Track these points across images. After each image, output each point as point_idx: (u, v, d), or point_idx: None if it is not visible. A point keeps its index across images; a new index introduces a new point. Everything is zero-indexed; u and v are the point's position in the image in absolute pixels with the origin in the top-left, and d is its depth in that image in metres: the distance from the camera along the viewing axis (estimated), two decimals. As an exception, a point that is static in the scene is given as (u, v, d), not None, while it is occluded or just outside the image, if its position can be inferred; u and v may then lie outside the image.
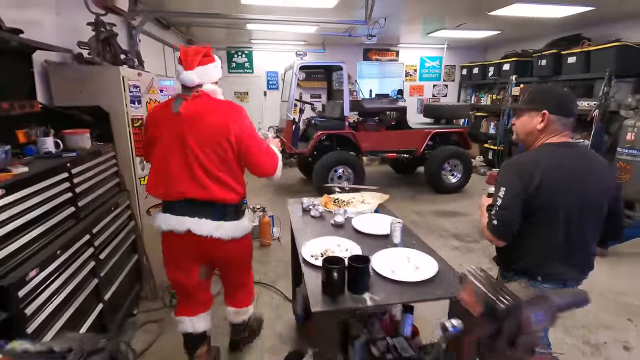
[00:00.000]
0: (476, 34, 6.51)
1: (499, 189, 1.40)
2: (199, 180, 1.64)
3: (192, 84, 1.67)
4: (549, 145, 1.44)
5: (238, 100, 8.12)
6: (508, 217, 1.37)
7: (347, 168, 5.43)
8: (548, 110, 1.41)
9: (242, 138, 1.66)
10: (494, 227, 1.39)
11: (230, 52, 7.88)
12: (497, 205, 1.39)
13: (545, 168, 1.37)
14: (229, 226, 1.73)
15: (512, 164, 1.46)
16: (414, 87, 8.77)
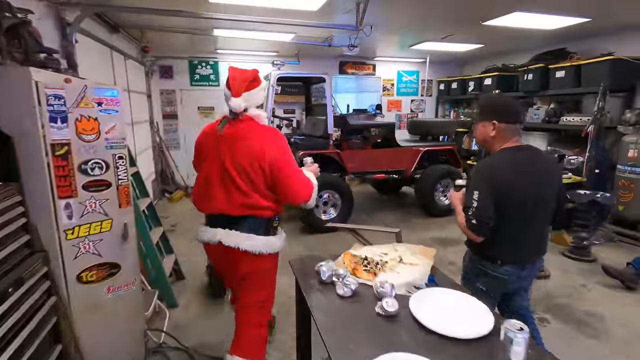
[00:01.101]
0: (459, 47, 6.22)
1: (472, 192, 1.61)
2: (233, 200, 1.71)
3: (239, 110, 1.72)
4: (503, 150, 1.67)
5: (202, 116, 7.26)
6: (484, 216, 1.59)
7: (334, 193, 4.77)
8: (497, 120, 1.64)
9: (276, 165, 1.69)
10: (473, 226, 1.61)
11: (193, 63, 7.05)
12: (473, 207, 1.60)
13: (499, 170, 1.63)
14: (259, 240, 1.74)
15: (478, 169, 1.70)
16: (391, 102, 8.39)
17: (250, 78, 1.74)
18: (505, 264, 1.69)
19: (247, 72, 1.76)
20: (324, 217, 4.79)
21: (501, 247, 1.67)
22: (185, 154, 7.28)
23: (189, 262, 3.83)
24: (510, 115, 1.66)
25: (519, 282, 1.78)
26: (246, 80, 1.73)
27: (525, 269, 1.73)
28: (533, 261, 1.77)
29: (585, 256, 3.92)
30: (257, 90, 1.78)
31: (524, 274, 1.75)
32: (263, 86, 1.82)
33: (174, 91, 7.02)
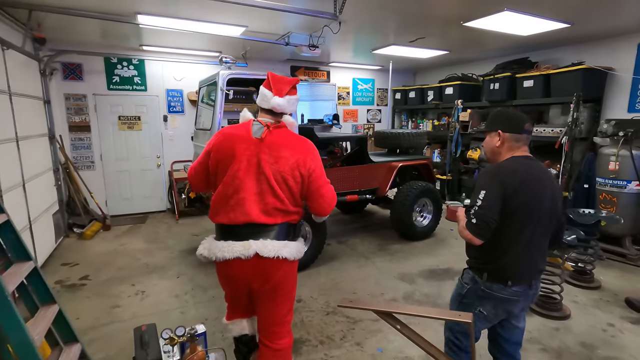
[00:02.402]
0: (424, 53, 5.79)
1: (479, 192, 1.56)
2: (268, 207, 1.66)
3: (280, 110, 1.74)
4: (516, 157, 1.64)
5: (126, 128, 5.84)
6: (487, 215, 1.51)
7: (305, 223, 3.85)
8: (502, 130, 1.66)
9: (314, 175, 1.71)
10: (474, 226, 1.52)
11: (111, 61, 5.63)
12: (477, 205, 1.53)
13: (522, 175, 1.57)
14: (293, 245, 1.72)
15: (492, 170, 1.63)
16: (347, 111, 7.76)
17: (293, 82, 1.77)
18: (515, 285, 1.61)
19: (287, 77, 1.79)
20: (293, 253, 3.84)
21: (511, 266, 1.60)
22: (103, 175, 5.78)
23: (109, 341, 2.61)
24: (515, 124, 1.65)
25: (525, 302, 1.69)
26: (289, 83, 1.76)
27: (532, 286, 1.67)
28: (538, 277, 1.71)
29: (589, 282, 3.54)
30: (295, 99, 1.80)
31: (531, 292, 1.68)
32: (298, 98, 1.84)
33: (85, 96, 5.52)
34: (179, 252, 4.45)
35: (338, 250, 4.49)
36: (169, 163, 6.13)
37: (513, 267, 1.58)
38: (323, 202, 1.74)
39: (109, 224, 5.37)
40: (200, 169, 1.80)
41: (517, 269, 1.59)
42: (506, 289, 1.59)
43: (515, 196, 1.52)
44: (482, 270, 1.64)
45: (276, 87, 1.71)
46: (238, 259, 1.63)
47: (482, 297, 1.65)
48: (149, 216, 5.99)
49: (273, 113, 1.75)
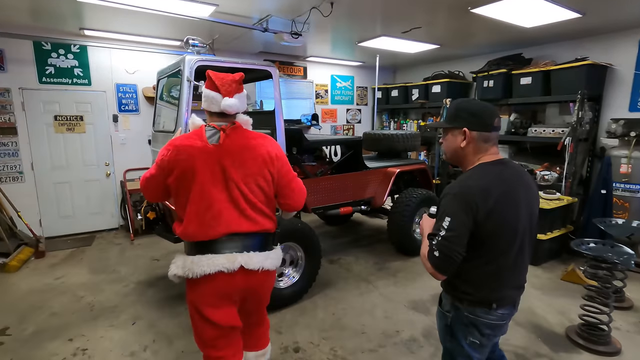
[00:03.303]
0: (414, 46, 5.28)
1: (443, 217, 1.29)
2: (246, 214, 1.59)
3: (234, 111, 1.63)
4: (486, 165, 1.36)
5: (65, 130, 4.79)
6: (451, 249, 1.26)
7: (296, 246, 3.14)
8: (468, 127, 1.35)
9: (283, 171, 1.67)
10: (436, 260, 1.28)
11: (43, 48, 4.57)
12: (440, 235, 1.28)
13: (496, 193, 1.29)
14: (274, 255, 1.68)
15: (458, 190, 1.31)
16: (326, 111, 7.12)
17: (238, 79, 1.65)
18: (501, 307, 1.39)
19: (231, 74, 1.66)
20: (283, 285, 3.12)
21: (495, 286, 1.37)
22: (36, 188, 4.70)
23: None
24: (484, 120, 1.35)
25: (508, 323, 1.49)
26: (236, 81, 1.64)
27: (515, 306, 1.48)
28: (521, 293, 1.49)
29: (620, 301, 3.16)
30: (244, 95, 1.69)
31: (515, 311, 1.49)
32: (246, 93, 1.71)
33: (8, 91, 4.42)
34: (135, 284, 3.56)
35: (331, 273, 3.82)
36: (121, 172, 5.14)
37: (495, 294, 1.38)
38: (294, 196, 1.71)
39: (42, 250, 4.32)
40: (155, 183, 1.63)
41: (498, 294, 1.38)
42: (491, 312, 1.38)
43: (488, 221, 1.28)
44: (460, 298, 1.42)
45: (223, 87, 1.59)
46: (220, 272, 1.52)
47: (468, 325, 1.42)
48: (96, 236, 4.97)
49: (225, 115, 1.63)
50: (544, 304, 3.18)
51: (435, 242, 1.28)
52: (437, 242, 1.27)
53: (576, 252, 2.77)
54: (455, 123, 1.39)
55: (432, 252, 1.29)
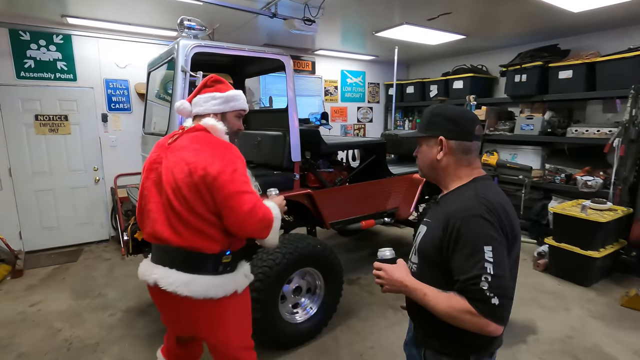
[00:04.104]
0: (437, 37, 4.74)
1: (481, 249, 0.96)
2: (171, 222, 1.42)
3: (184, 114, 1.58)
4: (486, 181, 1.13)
5: (47, 131, 4.26)
6: (509, 287, 0.97)
7: (315, 272, 2.62)
8: (445, 136, 1.12)
9: (218, 183, 1.36)
10: (496, 310, 0.93)
11: (21, 38, 4.04)
12: (490, 273, 0.94)
13: (511, 212, 1.06)
14: (202, 282, 1.41)
15: (486, 212, 1.00)
16: (335, 109, 6.59)
17: (204, 81, 1.59)
18: (496, 346, 1.13)
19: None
20: (298, 318, 2.59)
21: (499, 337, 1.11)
22: (14, 197, 4.17)
23: None
24: (463, 127, 1.12)
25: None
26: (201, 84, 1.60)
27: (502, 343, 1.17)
28: None
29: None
30: (209, 97, 1.54)
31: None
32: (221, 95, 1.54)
33: (-19, 87, 3.90)
34: (123, 313, 3.04)
35: (352, 297, 3.29)
36: (111, 177, 4.60)
37: (498, 338, 1.10)
38: (232, 217, 1.38)
39: (20, 268, 3.79)
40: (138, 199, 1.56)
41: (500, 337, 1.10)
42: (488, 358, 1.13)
43: (513, 247, 1.05)
44: (467, 354, 1.09)
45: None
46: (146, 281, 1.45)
47: None
48: (83, 250, 4.44)
49: (198, 117, 1.55)
50: (611, 340, 2.65)
51: (486, 286, 0.93)
52: (490, 286, 0.93)
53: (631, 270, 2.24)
54: (430, 131, 1.15)
55: (485, 301, 0.94)
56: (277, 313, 2.41)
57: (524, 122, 4.81)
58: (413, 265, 1.18)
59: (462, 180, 1.13)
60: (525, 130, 4.79)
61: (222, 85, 1.58)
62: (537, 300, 3.22)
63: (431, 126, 1.15)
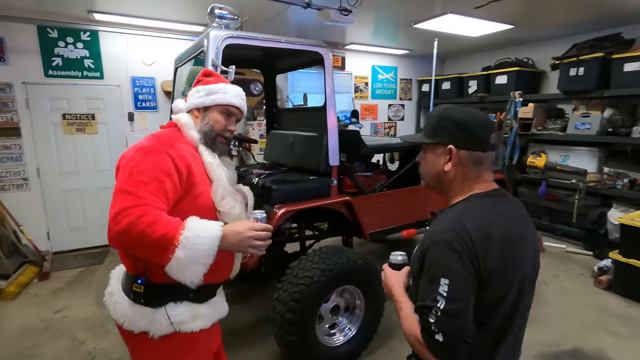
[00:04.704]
0: (482, 27, 4.34)
1: (437, 280, 0.88)
2: None
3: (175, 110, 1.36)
4: (481, 199, 0.99)
5: (74, 130, 4.19)
6: (460, 327, 0.85)
7: (355, 289, 2.35)
8: (454, 144, 0.98)
9: (116, 176, 1.14)
10: (439, 347, 0.85)
11: (49, 35, 3.97)
12: (439, 308, 0.86)
13: (500, 243, 0.91)
14: (120, 300, 1.21)
15: (453, 240, 0.89)
16: (365, 107, 6.27)
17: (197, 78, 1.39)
18: None
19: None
20: (337, 341, 2.33)
21: None
22: (42, 197, 4.13)
23: None
24: (477, 135, 0.97)
25: None
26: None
27: None
28: None
29: None
30: (194, 90, 1.34)
31: None
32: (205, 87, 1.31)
33: (10, 86, 3.85)
34: None
35: (391, 314, 2.97)
36: (137, 178, 4.50)
37: None
38: (108, 220, 1.03)
39: (47, 270, 3.72)
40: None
41: None
42: None
43: (491, 279, 0.89)
44: None
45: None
46: None
47: None
48: (109, 251, 4.36)
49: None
50: None
51: (433, 319, 0.86)
52: (437, 321, 0.86)
53: None
54: (438, 138, 1.01)
55: (430, 335, 0.87)
56: (314, 336, 2.16)
57: (578, 121, 4.34)
58: (411, 280, 1.10)
59: (461, 197, 1.01)
60: (580, 130, 4.32)
61: (212, 78, 1.36)
62: (604, 325, 2.82)
63: (439, 132, 1.00)
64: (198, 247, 1.05)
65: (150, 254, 1.05)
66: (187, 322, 1.19)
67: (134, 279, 1.17)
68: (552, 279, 3.58)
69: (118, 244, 1.05)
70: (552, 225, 4.73)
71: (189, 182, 1.16)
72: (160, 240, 1.01)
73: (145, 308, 1.17)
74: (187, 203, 1.16)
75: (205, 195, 1.22)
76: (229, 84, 1.35)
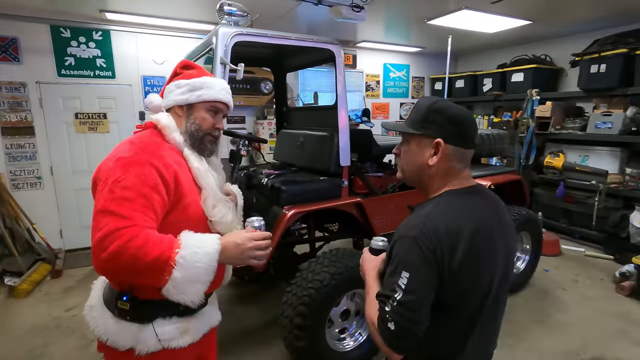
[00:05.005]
0: (499, 23, 4.22)
1: (399, 272, 0.91)
2: None
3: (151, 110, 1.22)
4: (456, 196, 0.98)
5: (86, 129, 4.22)
6: (412, 320, 0.88)
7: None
8: (443, 139, 0.96)
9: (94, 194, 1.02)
10: (390, 335, 0.90)
11: (61, 35, 4.00)
12: (396, 299, 0.89)
13: (469, 236, 0.91)
14: (103, 315, 1.12)
15: (419, 235, 0.91)
16: (377, 105, 6.17)
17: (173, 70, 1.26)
18: None
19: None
20: (347, 346, 2.28)
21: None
22: (56, 195, 4.17)
23: None
24: (466, 131, 0.98)
25: None
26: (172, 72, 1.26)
27: None
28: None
29: None
30: (174, 85, 1.19)
31: None
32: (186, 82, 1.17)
33: (24, 86, 3.89)
34: (157, 324, 2.86)
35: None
36: (148, 176, 4.52)
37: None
38: (92, 244, 0.93)
39: (59, 269, 3.76)
40: None
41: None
42: None
43: (457, 277, 0.90)
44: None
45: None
46: None
47: None
48: (121, 250, 4.39)
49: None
50: None
51: (388, 308, 0.90)
52: (392, 310, 0.89)
53: None
54: (425, 130, 0.98)
55: (384, 322, 0.91)
56: (324, 341, 2.11)
57: (599, 120, 4.18)
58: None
59: (437, 192, 1.00)
60: (601, 129, 4.16)
61: (193, 71, 1.23)
62: (628, 334, 2.69)
63: (427, 124, 0.98)
64: (196, 265, 0.97)
65: (144, 278, 0.97)
66: (175, 339, 1.12)
67: (119, 295, 1.10)
68: (570, 284, 3.45)
69: (106, 271, 0.96)
70: (570, 228, 4.58)
71: (177, 193, 1.06)
72: (154, 263, 0.92)
73: (132, 324, 1.09)
74: (176, 215, 1.07)
75: (195, 204, 1.12)
76: (213, 77, 1.23)
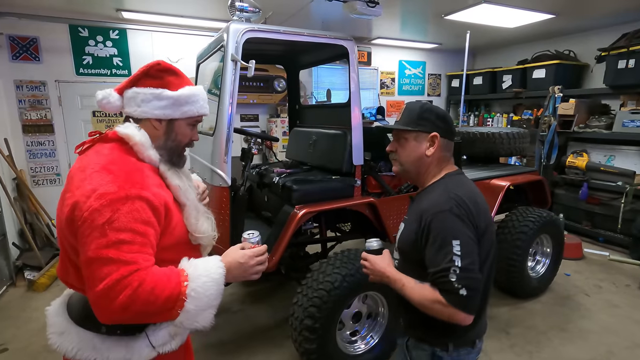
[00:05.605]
0: (520, 17, 4.06)
1: (448, 243, 1.02)
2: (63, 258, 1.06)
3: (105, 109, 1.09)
4: (457, 176, 1.19)
5: (104, 127, 4.30)
6: (477, 278, 1.01)
7: (377, 295, 2.23)
8: (439, 133, 1.17)
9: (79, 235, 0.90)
10: (464, 300, 0.98)
11: (80, 35, 4.07)
12: (458, 266, 0.99)
13: (483, 209, 1.12)
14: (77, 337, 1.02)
15: (454, 207, 1.06)
16: (392, 103, 6.08)
17: (143, 69, 1.07)
18: (480, 341, 1.20)
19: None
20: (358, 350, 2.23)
21: (479, 325, 1.15)
22: (73, 193, 4.24)
23: None
24: (450, 127, 1.22)
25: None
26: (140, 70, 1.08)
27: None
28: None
29: None
30: (152, 94, 1.04)
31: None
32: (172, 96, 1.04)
33: (44, 84, 3.98)
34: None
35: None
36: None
37: (480, 324, 1.16)
38: (90, 295, 0.88)
39: (76, 264, 3.84)
40: None
41: (482, 324, 1.18)
42: (473, 351, 1.17)
43: (484, 239, 1.08)
44: (445, 342, 1.14)
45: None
46: None
47: None
48: (136, 246, 4.45)
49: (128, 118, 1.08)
50: None
51: (454, 278, 0.98)
52: (458, 277, 0.98)
53: None
54: (421, 127, 1.17)
55: (452, 293, 0.98)
56: (334, 343, 2.07)
57: (627, 118, 3.99)
58: (396, 261, 1.21)
59: (437, 177, 1.18)
60: (628, 127, 3.97)
61: (175, 78, 1.08)
62: (656, 344, 2.55)
63: (422, 121, 1.17)
64: (207, 294, 0.96)
65: (156, 318, 0.95)
66: (168, 343, 1.08)
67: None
68: (594, 289, 3.30)
69: (117, 320, 0.91)
70: (593, 231, 4.39)
71: (167, 219, 1.02)
72: (166, 303, 0.90)
73: (123, 337, 1.04)
74: (166, 239, 1.03)
75: (181, 224, 1.07)
76: (194, 86, 1.11)
